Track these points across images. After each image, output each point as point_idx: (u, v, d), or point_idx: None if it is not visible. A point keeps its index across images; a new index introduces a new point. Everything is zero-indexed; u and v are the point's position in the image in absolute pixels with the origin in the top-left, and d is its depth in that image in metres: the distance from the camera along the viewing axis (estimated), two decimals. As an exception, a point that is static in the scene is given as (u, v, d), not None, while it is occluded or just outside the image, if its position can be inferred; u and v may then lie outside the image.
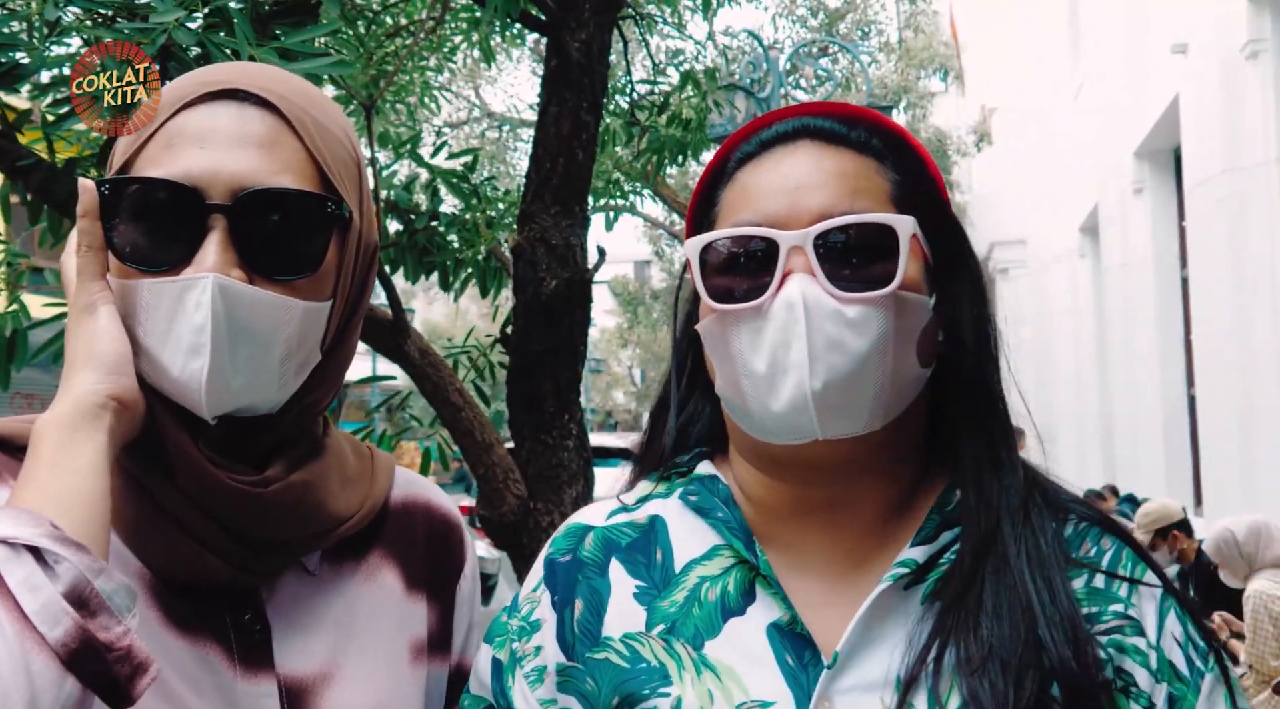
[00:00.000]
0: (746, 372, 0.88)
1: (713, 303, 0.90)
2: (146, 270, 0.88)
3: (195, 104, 0.90)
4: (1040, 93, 15.49)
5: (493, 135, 13.51)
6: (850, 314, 0.86)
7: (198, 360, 0.86)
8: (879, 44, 14.27)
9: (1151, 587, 0.91)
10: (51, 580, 0.73)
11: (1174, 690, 0.86)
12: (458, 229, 3.13)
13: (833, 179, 0.91)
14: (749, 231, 0.90)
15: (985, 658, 0.83)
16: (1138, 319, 10.77)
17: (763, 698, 0.88)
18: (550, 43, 2.74)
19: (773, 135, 0.96)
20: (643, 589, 0.97)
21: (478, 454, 2.75)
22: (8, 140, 2.06)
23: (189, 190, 0.87)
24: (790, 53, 10.81)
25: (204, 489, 0.89)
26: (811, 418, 0.86)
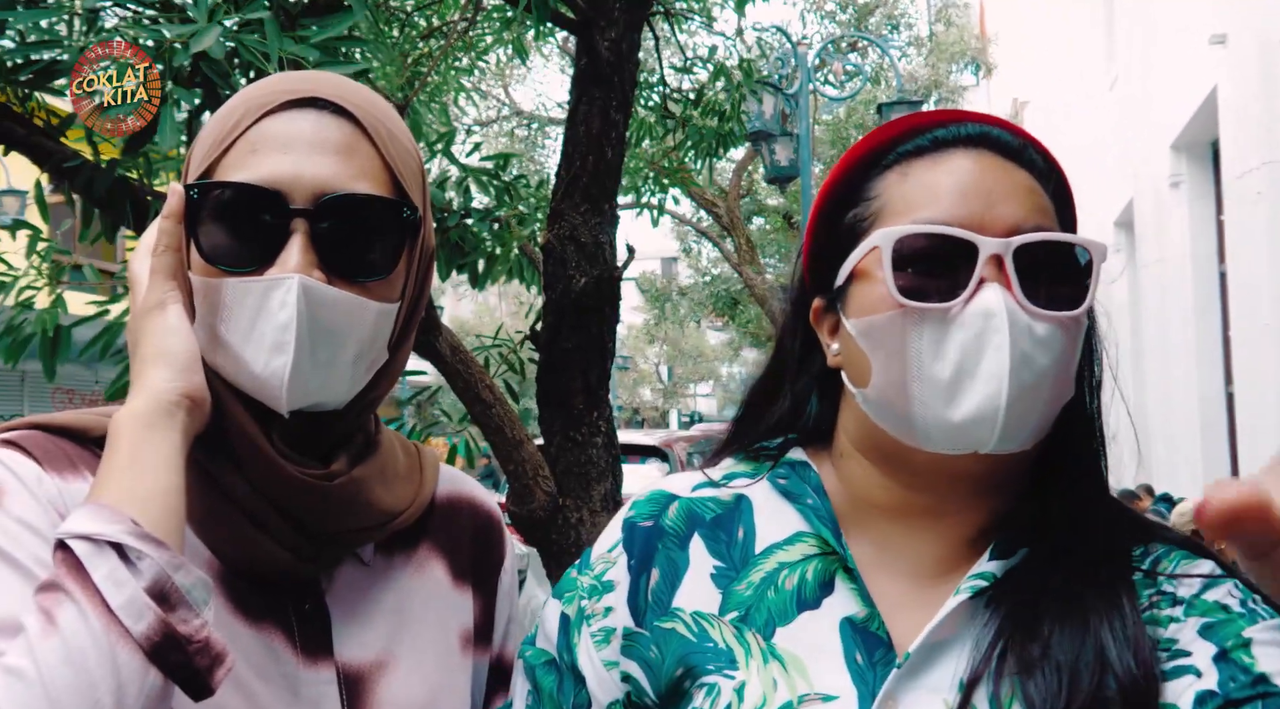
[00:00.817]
0: (923, 375, 0.86)
1: (900, 297, 0.87)
2: (230, 270, 0.91)
3: (276, 112, 0.93)
4: (1074, 86, 15.31)
5: (521, 133, 13.57)
6: (1040, 331, 0.85)
7: (281, 357, 0.89)
8: (909, 38, 14.18)
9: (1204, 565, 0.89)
10: (134, 576, 0.76)
11: (1210, 620, 0.83)
12: (489, 226, 3.16)
13: (1021, 192, 0.90)
14: (955, 232, 0.87)
15: (1041, 659, 0.83)
16: (1174, 315, 10.63)
17: (826, 691, 0.87)
18: (580, 41, 2.75)
19: (951, 135, 0.93)
20: (720, 570, 0.97)
21: (508, 451, 2.77)
22: (53, 142, 2.10)
23: (273, 194, 0.90)
24: (819, 48, 10.76)
25: (272, 481, 0.92)
26: (995, 430, 0.84)
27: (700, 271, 17.69)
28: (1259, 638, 0.81)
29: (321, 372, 0.92)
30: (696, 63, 4.26)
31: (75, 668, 0.73)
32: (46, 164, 2.13)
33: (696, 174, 4.66)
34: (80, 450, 0.92)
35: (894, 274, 0.88)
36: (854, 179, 0.96)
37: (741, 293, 15.66)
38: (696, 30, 6.82)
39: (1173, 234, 10.78)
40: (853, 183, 0.96)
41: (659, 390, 31.47)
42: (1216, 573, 0.88)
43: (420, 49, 3.68)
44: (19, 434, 0.91)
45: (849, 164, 0.97)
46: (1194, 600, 0.86)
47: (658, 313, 19.61)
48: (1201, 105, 9.18)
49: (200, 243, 0.92)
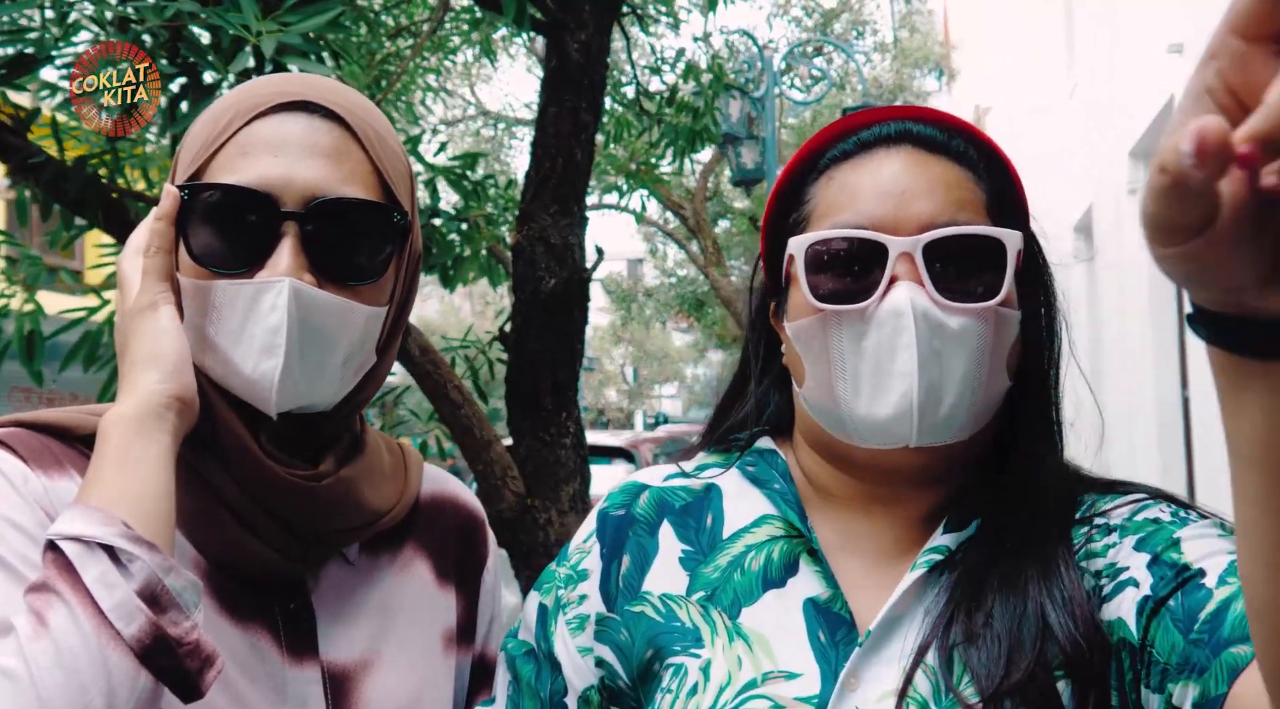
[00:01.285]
0: (845, 374, 0.88)
1: (815, 302, 0.90)
2: (221, 272, 0.91)
3: (267, 114, 0.93)
4: (1034, 92, 15.51)
5: (488, 133, 13.52)
6: (954, 325, 0.86)
7: (271, 360, 0.90)
8: (874, 44, 14.31)
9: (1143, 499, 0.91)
10: (125, 579, 0.76)
11: (1143, 533, 0.86)
12: (457, 226, 3.15)
13: (938, 187, 0.91)
14: (860, 234, 0.89)
15: (984, 628, 0.86)
16: (1132, 320, 10.80)
17: (790, 669, 0.90)
18: (550, 43, 2.76)
19: (873, 136, 0.95)
20: (688, 554, 1.00)
21: (476, 451, 2.77)
22: (18, 138, 2.08)
23: (264, 196, 0.90)
24: (785, 53, 10.83)
25: (260, 482, 0.92)
26: (912, 426, 0.87)
27: (666, 273, 17.71)
28: (1186, 535, 0.85)
29: (310, 374, 0.92)
30: (665, 65, 4.29)
31: (66, 670, 0.73)
32: (11, 160, 2.10)
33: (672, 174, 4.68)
34: (66, 449, 0.92)
35: (809, 279, 0.90)
36: (794, 184, 0.99)
37: (707, 294, 15.70)
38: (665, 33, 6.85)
39: (1130, 240, 10.95)
40: (793, 188, 0.99)
41: (624, 391, 31.46)
42: (1151, 499, 0.91)
43: (387, 48, 3.67)
44: (4, 432, 0.91)
45: (790, 170, 0.99)
46: (1127, 523, 0.89)
47: (623, 314, 19.62)
48: (1159, 114, 9.33)
49: (190, 244, 0.92)
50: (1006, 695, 0.82)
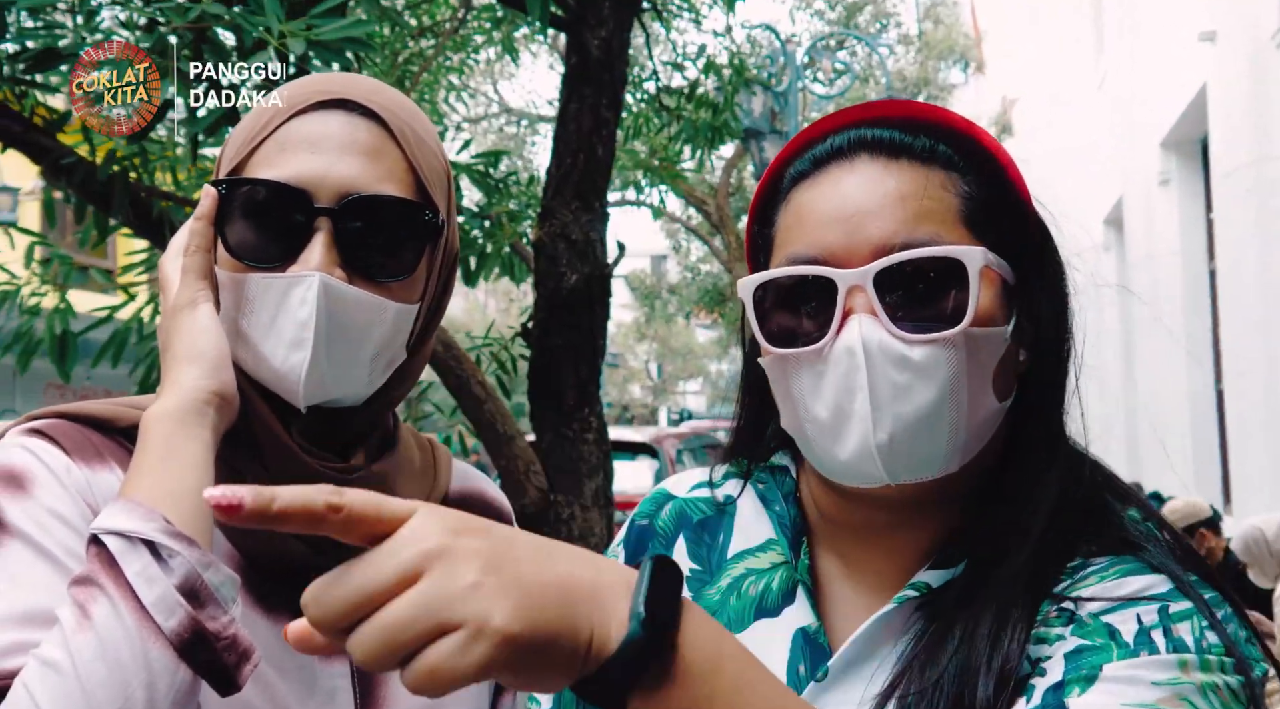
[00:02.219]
0: (809, 417, 0.83)
1: (770, 347, 0.84)
2: (255, 265, 0.92)
3: (307, 111, 0.94)
4: (1063, 83, 15.34)
5: (511, 131, 13.56)
6: (916, 357, 0.79)
7: (299, 353, 0.91)
8: (898, 36, 14.21)
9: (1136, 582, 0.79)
10: (166, 574, 0.77)
11: (1088, 643, 0.75)
12: (480, 223, 3.17)
13: (892, 203, 0.82)
14: (802, 271, 0.82)
15: (932, 687, 0.78)
16: (1163, 313, 10.66)
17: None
18: (570, 40, 2.77)
19: (826, 151, 0.87)
20: (695, 573, 0.97)
21: (499, 446, 2.79)
22: (49, 139, 2.11)
23: (299, 192, 0.91)
24: (808, 46, 10.78)
25: (293, 474, 0.92)
26: (878, 467, 0.80)
27: (689, 269, 17.70)
28: (1109, 673, 0.73)
29: (338, 369, 0.93)
30: (687, 60, 4.29)
31: (109, 662, 0.74)
32: (44, 161, 2.13)
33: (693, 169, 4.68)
34: (107, 441, 0.93)
35: (760, 323, 0.85)
36: (763, 207, 0.93)
37: (730, 290, 15.67)
38: (686, 28, 6.83)
39: (1162, 231, 10.83)
40: (763, 211, 0.93)
41: (648, 388, 31.45)
42: (1143, 594, 0.78)
43: (411, 48, 3.69)
44: (47, 424, 0.92)
45: (763, 184, 0.93)
46: (1091, 619, 0.77)
47: (647, 310, 19.62)
48: (1191, 103, 9.20)
49: (226, 237, 0.93)
50: None
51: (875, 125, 0.87)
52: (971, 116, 3.96)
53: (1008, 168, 0.88)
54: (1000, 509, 0.84)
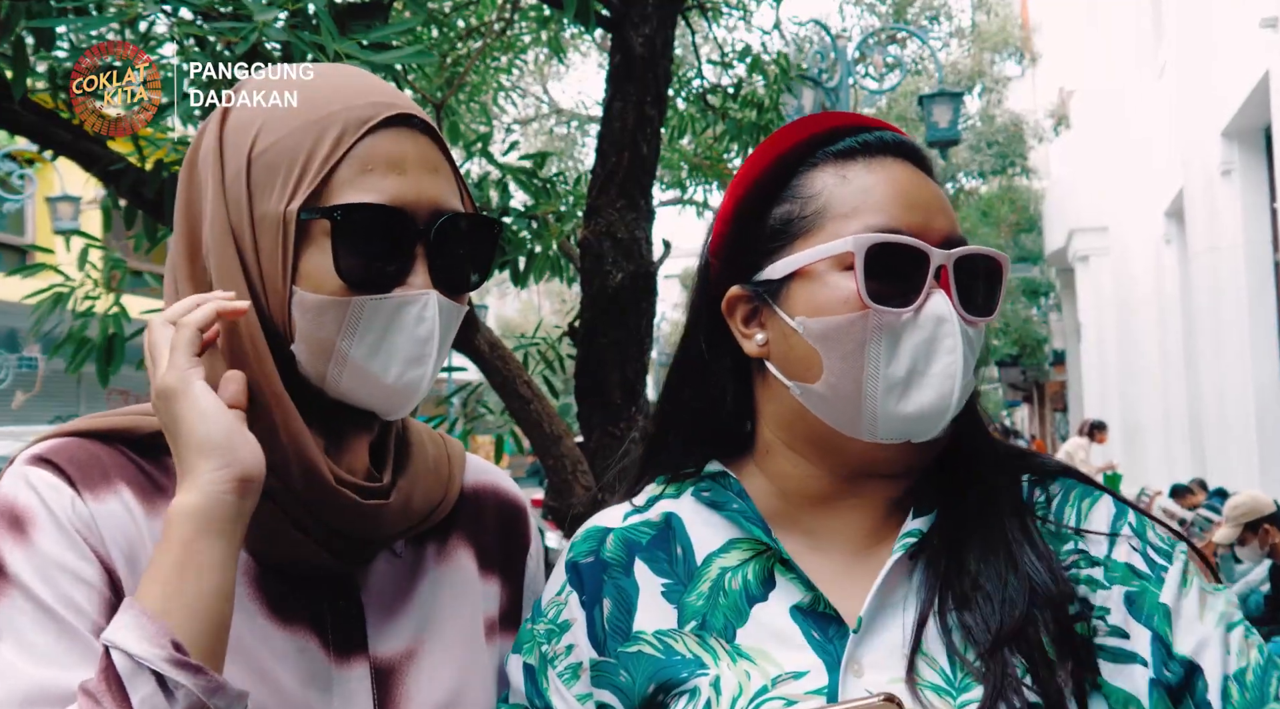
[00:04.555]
0: (879, 373, 0.92)
1: (871, 302, 0.92)
2: (363, 289, 0.92)
3: (378, 129, 0.95)
4: (1121, 73, 15.02)
5: (560, 131, 13.62)
6: (972, 334, 0.94)
7: (418, 369, 0.94)
8: (950, 29, 14.02)
9: (1104, 510, 0.98)
10: (170, 703, 0.79)
11: (1131, 589, 0.93)
12: (527, 224, 3.18)
13: (945, 204, 0.98)
14: (917, 244, 0.93)
15: (974, 591, 0.91)
16: (1227, 306, 10.40)
17: (796, 669, 0.92)
18: (614, 38, 2.76)
19: (878, 142, 0.98)
20: (669, 586, 1.00)
21: (546, 446, 2.80)
22: (99, 146, 2.16)
23: (403, 215, 0.93)
24: (859, 41, 10.68)
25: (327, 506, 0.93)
26: (944, 420, 0.93)
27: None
28: (1176, 610, 0.92)
29: (433, 380, 0.97)
30: (733, 59, 4.26)
31: None
32: (93, 168, 2.18)
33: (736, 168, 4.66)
34: (119, 457, 0.93)
35: (867, 280, 0.92)
36: (779, 176, 0.99)
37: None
38: (735, 25, 6.80)
39: (1224, 223, 10.56)
40: (778, 179, 0.99)
41: (702, 387, 31.37)
42: (1112, 518, 0.97)
43: (459, 49, 3.71)
44: (54, 447, 0.92)
45: (772, 160, 0.99)
46: (1108, 561, 0.95)
47: (700, 309, 19.53)
48: (1253, 91, 8.97)
49: (341, 268, 0.92)
50: (1003, 644, 0.88)
51: (904, 138, 1.00)
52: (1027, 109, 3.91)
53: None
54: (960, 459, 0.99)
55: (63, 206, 12.10)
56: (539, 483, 15.42)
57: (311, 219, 0.91)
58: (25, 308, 2.89)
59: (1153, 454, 14.05)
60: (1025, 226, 19.25)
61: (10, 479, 0.90)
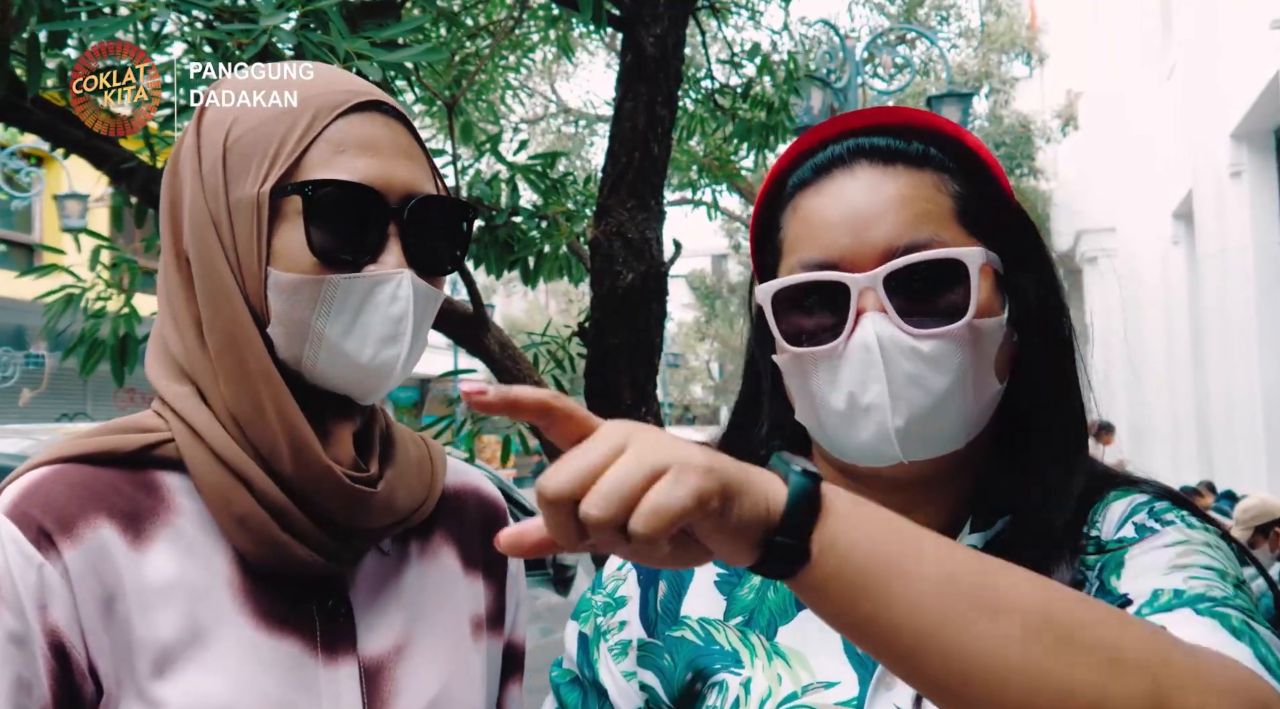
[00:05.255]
0: (826, 409, 0.90)
1: (789, 346, 0.91)
2: (338, 267, 0.93)
3: (349, 113, 0.95)
4: (1129, 75, 14.99)
5: (568, 131, 13.62)
6: (926, 350, 0.87)
7: (393, 349, 0.94)
8: (959, 29, 13.99)
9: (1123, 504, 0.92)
10: None
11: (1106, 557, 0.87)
12: (537, 224, 3.17)
13: (894, 208, 0.90)
14: (818, 277, 0.89)
15: None
16: (1235, 308, 10.37)
17: (828, 679, 0.91)
18: (625, 38, 2.76)
19: (827, 159, 0.94)
20: (723, 576, 1.00)
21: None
22: (111, 145, 2.16)
23: (375, 193, 0.94)
24: (868, 42, 10.66)
25: (320, 487, 0.93)
26: (894, 448, 0.88)
27: (750, 268, 17.61)
28: (1134, 553, 0.86)
29: (411, 361, 0.96)
30: (743, 59, 4.26)
31: None
32: (105, 166, 2.18)
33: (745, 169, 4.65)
34: (103, 484, 0.92)
35: (779, 325, 0.91)
36: (766, 211, 0.99)
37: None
38: (744, 25, 6.79)
39: (1233, 225, 10.53)
40: (767, 215, 0.99)
41: (710, 387, 31.40)
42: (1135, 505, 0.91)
43: (468, 48, 3.71)
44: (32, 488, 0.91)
45: (764, 190, 0.99)
46: (1107, 542, 0.89)
47: (708, 310, 19.57)
48: (1263, 92, 8.94)
49: (314, 244, 0.92)
50: None
51: (870, 133, 0.94)
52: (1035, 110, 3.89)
53: (991, 165, 0.96)
54: (1023, 475, 0.93)
55: (70, 204, 12.12)
56: (544, 483, 15.42)
57: (284, 197, 0.92)
58: (32, 305, 2.89)
59: (1160, 456, 14.01)
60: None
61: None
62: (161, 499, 0.94)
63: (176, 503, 0.94)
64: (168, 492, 0.94)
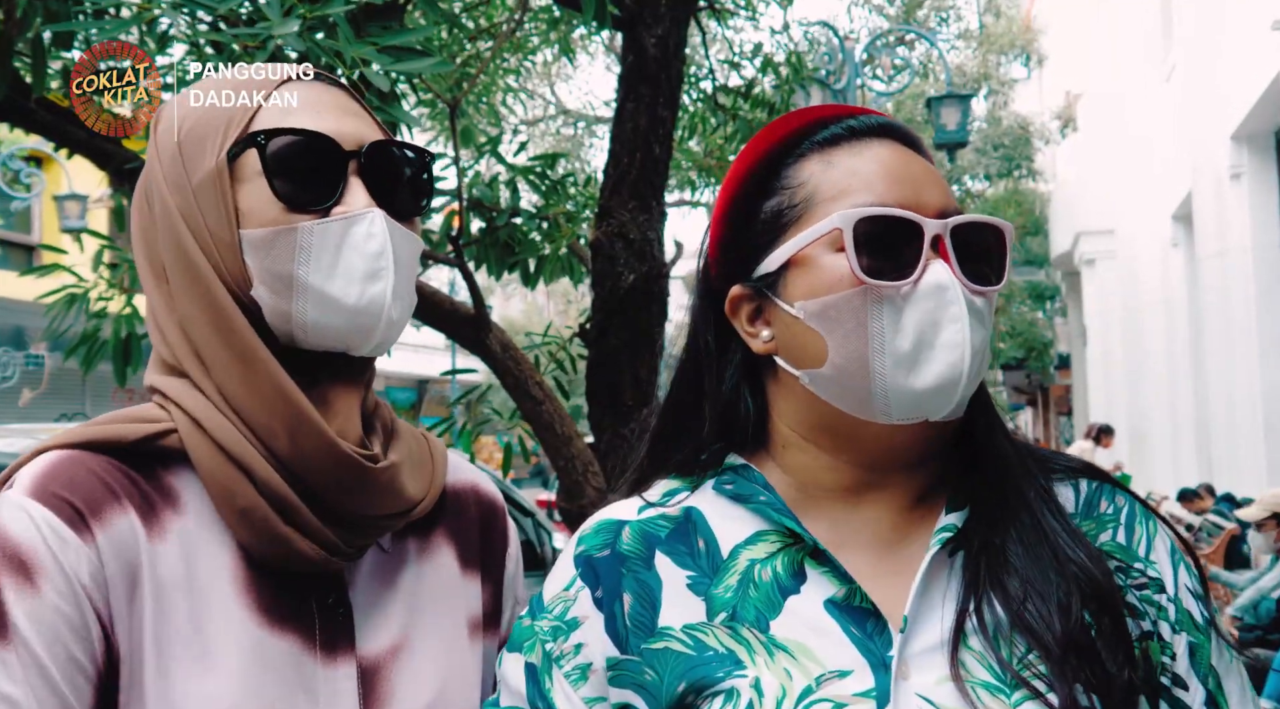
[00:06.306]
0: (884, 349, 0.90)
1: (864, 276, 0.90)
2: (306, 212, 0.94)
3: (285, 84, 0.99)
4: (1129, 76, 15.00)
5: (568, 132, 13.62)
6: (979, 304, 0.91)
7: (378, 284, 0.94)
8: (958, 30, 14.00)
9: (1164, 541, 0.98)
10: None
11: (1193, 639, 0.94)
12: (538, 225, 3.17)
13: (936, 178, 0.96)
14: (904, 214, 0.92)
15: (1024, 590, 0.90)
16: (1235, 310, 10.38)
17: (839, 668, 0.89)
18: (626, 39, 2.76)
19: (863, 126, 0.98)
20: (695, 579, 0.97)
21: (557, 447, 2.79)
22: (114, 145, 2.16)
23: (329, 140, 0.95)
24: (867, 43, 10.67)
25: (320, 457, 0.93)
26: (957, 396, 0.90)
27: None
28: (1222, 675, 0.95)
29: (399, 302, 0.97)
30: (744, 59, 4.26)
31: None
32: (109, 167, 2.18)
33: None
34: (114, 472, 0.92)
35: (858, 255, 0.91)
36: (767, 171, 0.99)
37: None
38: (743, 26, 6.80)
39: (1233, 227, 10.53)
40: (766, 174, 0.99)
41: (707, 389, 31.35)
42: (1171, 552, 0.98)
43: (468, 50, 3.71)
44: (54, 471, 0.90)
45: (759, 156, 1.00)
46: (1177, 602, 0.95)
47: (705, 311, 19.50)
48: (1263, 94, 8.95)
49: (276, 189, 0.94)
50: (1071, 649, 0.86)
51: (892, 121, 0.99)
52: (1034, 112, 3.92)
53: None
54: (982, 455, 0.98)
55: (70, 205, 12.11)
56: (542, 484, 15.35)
57: (241, 157, 0.94)
58: (32, 306, 2.89)
59: (1159, 459, 14.01)
60: (1031, 229, 19.22)
61: (13, 512, 0.88)
62: (169, 493, 0.94)
63: (182, 498, 0.94)
64: (173, 486, 0.94)
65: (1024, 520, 0.94)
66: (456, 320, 2.87)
